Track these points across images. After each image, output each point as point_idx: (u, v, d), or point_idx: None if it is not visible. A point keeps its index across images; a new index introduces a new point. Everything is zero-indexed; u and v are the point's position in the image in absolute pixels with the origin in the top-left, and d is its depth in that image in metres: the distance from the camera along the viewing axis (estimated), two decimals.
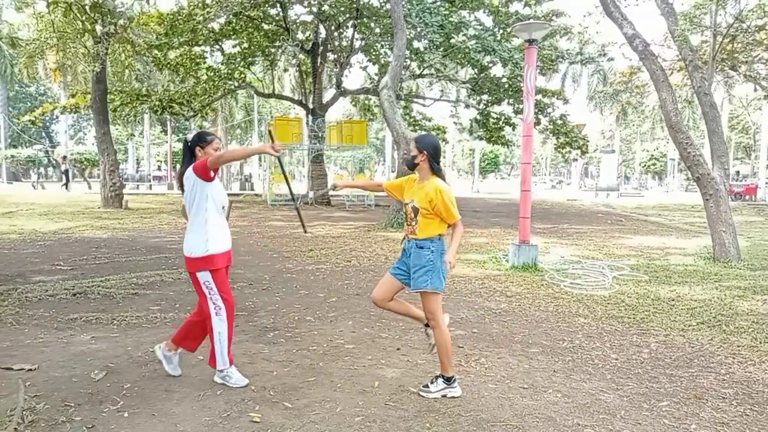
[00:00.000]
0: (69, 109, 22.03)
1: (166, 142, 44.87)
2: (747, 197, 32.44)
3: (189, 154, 3.64)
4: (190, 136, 3.71)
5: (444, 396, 3.50)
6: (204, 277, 3.54)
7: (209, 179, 3.52)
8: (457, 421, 3.18)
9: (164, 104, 19.42)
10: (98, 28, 16.82)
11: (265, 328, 5.03)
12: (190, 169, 3.53)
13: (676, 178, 51.31)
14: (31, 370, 3.81)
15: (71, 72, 28.54)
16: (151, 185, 37.72)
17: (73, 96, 22.78)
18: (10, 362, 3.94)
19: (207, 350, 4.25)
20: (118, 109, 19.68)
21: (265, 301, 6.00)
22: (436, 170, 3.51)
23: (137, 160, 51.40)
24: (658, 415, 3.31)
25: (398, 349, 4.48)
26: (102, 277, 6.88)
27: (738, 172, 52.51)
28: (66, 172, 31.57)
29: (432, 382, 3.58)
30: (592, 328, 5.16)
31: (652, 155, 59.06)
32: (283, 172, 5.36)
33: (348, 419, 3.17)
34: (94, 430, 2.98)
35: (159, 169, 51.63)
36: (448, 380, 3.53)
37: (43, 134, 58.49)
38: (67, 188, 29.74)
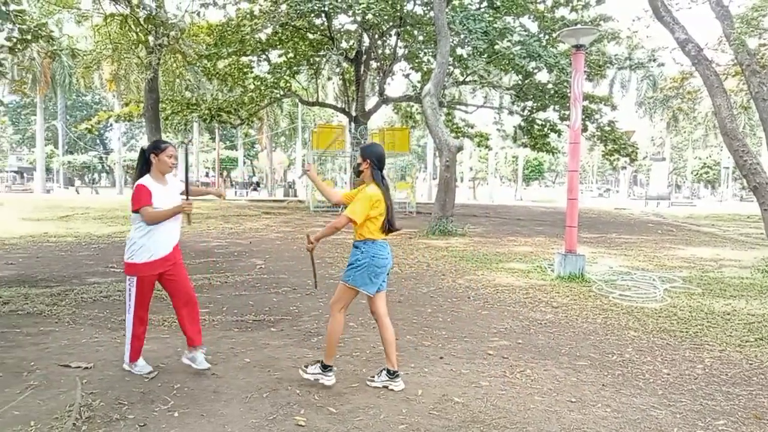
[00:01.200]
0: (123, 118, 22.98)
1: (214, 149, 46.11)
2: None
3: (144, 162, 3.84)
4: (146, 145, 3.94)
5: (316, 380, 3.71)
6: (129, 281, 3.79)
7: (132, 210, 3.75)
8: None
9: (213, 113, 20.01)
10: (151, 39, 17.51)
11: (309, 332, 5.08)
12: (137, 184, 3.74)
13: (731, 187, 49.25)
14: (87, 368, 3.97)
15: (125, 82, 29.76)
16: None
17: (126, 105, 23.77)
18: (68, 360, 4.11)
19: (254, 353, 4.34)
20: (170, 118, 20.38)
21: (308, 306, 6.07)
22: (376, 177, 3.70)
23: (186, 167, 52.99)
24: None
25: (441, 357, 4.45)
26: None
27: None
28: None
29: (311, 365, 3.81)
30: (642, 342, 5.00)
31: (705, 163, 56.90)
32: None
33: (391, 427, 3.17)
34: (146, 429, 3.08)
35: (207, 175, 53.09)
36: (325, 368, 3.73)
37: (98, 141, 61.06)
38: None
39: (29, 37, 10.01)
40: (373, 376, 3.84)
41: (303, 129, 39.85)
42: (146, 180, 3.77)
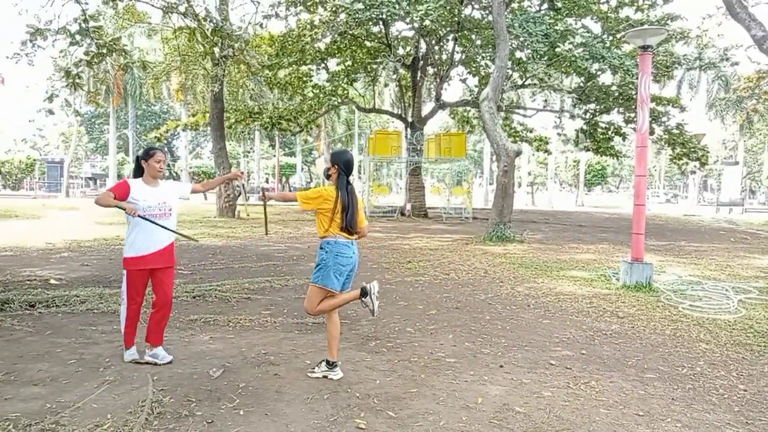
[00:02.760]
0: (190, 127, 23.96)
1: (274, 156, 47.34)
2: None
3: (137, 167, 4.26)
4: (141, 152, 4.30)
5: (325, 377, 3.92)
6: (124, 274, 4.16)
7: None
8: None
9: (274, 121, 20.57)
10: (217, 51, 18.19)
11: (367, 337, 5.12)
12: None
13: None
14: (157, 364, 4.16)
15: (191, 92, 31.09)
16: (260, 197, 39.92)
17: (193, 115, 24.79)
18: (139, 357, 4.31)
19: (314, 355, 4.42)
20: (233, 126, 21.10)
21: (366, 311, 6.11)
22: (341, 181, 3.92)
23: (248, 173, 54.61)
24: None
25: (501, 366, 4.38)
26: (218, 282, 7.37)
27: None
28: (243, 186, 35.75)
29: (318, 365, 4.03)
30: (715, 355, 4.74)
31: None
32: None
33: None
34: (213, 426, 3.19)
35: (266, 181, 54.54)
36: (330, 365, 3.96)
37: (166, 149, 63.88)
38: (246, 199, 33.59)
39: (105, 51, 10.63)
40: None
41: (360, 135, 40.29)
42: (134, 180, 4.23)
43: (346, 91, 22.14)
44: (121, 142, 55.03)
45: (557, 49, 16.18)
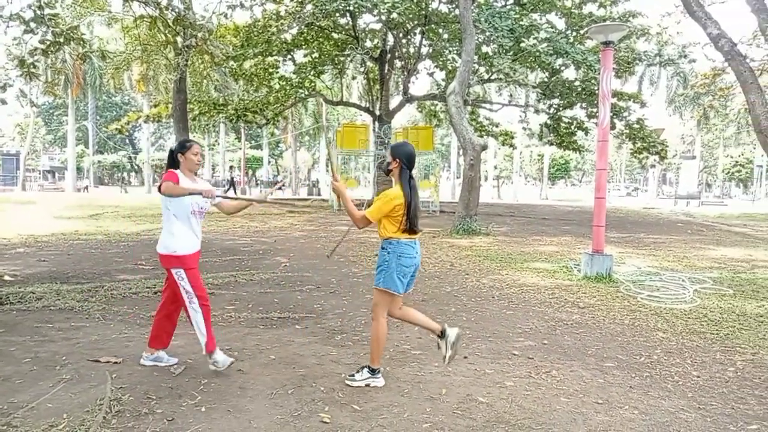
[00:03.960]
0: (152, 118, 23.40)
1: (240, 149, 46.67)
2: None
3: (172, 161, 3.95)
4: (175, 146, 4.03)
5: (367, 385, 3.68)
6: (176, 272, 3.85)
7: (160, 192, 3.81)
8: None
9: (239, 113, 20.24)
10: (179, 40, 17.80)
11: (333, 330, 5.11)
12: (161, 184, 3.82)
13: (764, 186, 47.90)
14: (116, 362, 4.06)
15: (153, 82, 30.34)
16: (225, 190, 39.32)
17: (155, 106, 24.21)
18: (98, 355, 4.20)
19: (279, 350, 4.39)
20: (197, 118, 20.69)
21: (332, 305, 6.10)
22: (404, 177, 3.69)
23: (212, 166, 53.72)
24: None
25: (465, 357, 4.43)
26: None
27: None
28: (232, 180, 35.52)
29: (358, 372, 3.77)
30: (671, 344, 4.90)
31: (737, 162, 55.36)
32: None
33: (415, 425, 3.17)
34: (174, 423, 3.13)
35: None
36: (373, 371, 3.73)
37: (127, 141, 62.32)
38: (234, 192, 33.71)
39: (62, 39, 10.26)
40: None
41: (327, 128, 40.06)
42: (178, 171, 3.90)
43: (313, 84, 21.95)
44: (81, 134, 53.35)
45: (522, 44, 16.37)
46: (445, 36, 20.34)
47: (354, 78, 31.16)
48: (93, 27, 31.08)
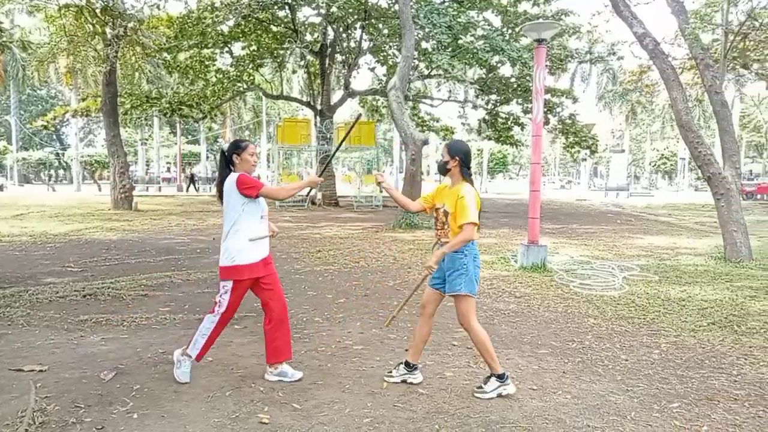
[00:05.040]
0: (80, 113, 22.25)
1: (176, 144, 45.12)
2: (759, 196, 32.12)
3: (226, 162, 3.71)
4: (226, 146, 3.78)
5: (499, 395, 3.51)
6: (224, 282, 3.63)
7: (251, 197, 3.56)
8: (466, 423, 3.16)
9: (174, 107, 19.56)
10: (108, 31, 16.97)
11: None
12: (233, 179, 3.57)
13: (687, 177, 50.89)
14: (41, 371, 3.84)
15: (81, 75, 28.82)
16: (160, 187, 37.98)
17: (83, 99, 23.05)
18: (21, 363, 3.96)
19: (217, 351, 4.27)
20: (129, 112, 19.83)
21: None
22: (465, 175, 3.57)
23: (147, 162, 51.71)
24: (669, 417, 3.28)
25: (407, 350, 4.45)
26: (112, 279, 6.93)
27: (751, 171, 52.01)
28: (192, 177, 34.12)
29: (485, 383, 3.58)
30: (601, 329, 5.13)
31: (662, 154, 58.62)
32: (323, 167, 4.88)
33: (356, 421, 3.17)
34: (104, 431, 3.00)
35: (168, 170, 51.95)
36: (501, 377, 3.54)
37: (54, 137, 59.04)
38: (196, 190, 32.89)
39: None
40: (391, 371, 3.79)
41: (268, 123, 39.37)
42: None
43: (252, 77, 21.50)
44: (3, 130, 50.09)
45: (460, 41, 16.64)
46: (385, 31, 20.40)
47: (294, 72, 30.72)
48: (13, 15, 29.20)
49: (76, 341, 4.56)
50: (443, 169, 3.62)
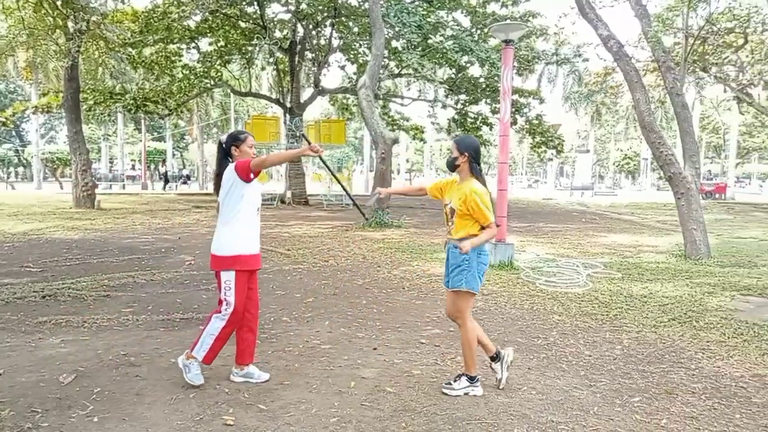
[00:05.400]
0: (41, 109, 21.56)
1: (140, 141, 44.14)
2: (717, 195, 33.21)
3: (224, 155, 3.65)
4: (224, 138, 3.71)
5: (466, 394, 3.53)
6: (226, 276, 3.53)
7: (248, 180, 3.51)
8: (432, 420, 3.18)
9: (138, 103, 19.12)
10: (70, 24, 16.47)
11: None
12: (231, 168, 3.52)
13: (649, 177, 52.27)
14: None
15: (42, 70, 27.92)
16: (124, 185, 37.12)
17: (44, 95, 22.30)
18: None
19: (181, 353, 4.18)
20: (93, 108, 19.29)
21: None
22: (475, 172, 3.56)
23: (110, 159, 50.46)
24: (630, 411, 3.36)
25: (375, 348, 4.47)
26: (72, 279, 6.74)
27: (709, 171, 53.77)
28: (165, 174, 33.31)
29: (455, 380, 3.60)
30: (566, 326, 5.22)
31: (626, 155, 60.13)
32: (331, 172, 4.99)
33: (323, 420, 3.15)
34: None
35: (133, 168, 50.79)
36: (471, 379, 3.58)
37: (13, 133, 57.05)
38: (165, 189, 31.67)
39: None
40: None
41: (236, 120, 38.87)
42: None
43: (219, 73, 21.17)
44: None
45: (430, 41, 16.71)
46: (356, 29, 20.35)
47: (263, 69, 30.37)
48: None
49: (34, 344, 4.41)
50: (452, 166, 3.61)
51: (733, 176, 39.13)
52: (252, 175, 3.50)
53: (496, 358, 3.69)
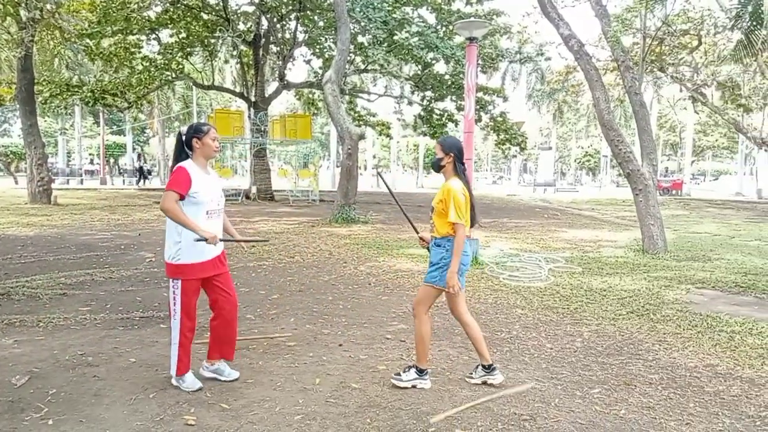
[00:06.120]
0: None
1: (99, 134, 42.84)
2: (674, 192, 34.32)
3: (182, 147, 3.49)
4: (184, 129, 3.55)
5: (414, 387, 3.56)
6: (173, 284, 3.44)
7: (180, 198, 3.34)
8: (397, 415, 3.19)
9: (97, 95, 18.53)
10: (22, 12, 15.83)
11: (204, 327, 4.85)
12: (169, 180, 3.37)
13: (609, 173, 53.61)
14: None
15: None
16: (82, 180, 35.98)
17: None
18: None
19: (141, 352, 4.09)
20: (48, 101, 18.59)
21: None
22: (459, 171, 3.57)
23: (68, 153, 48.80)
24: (590, 402, 3.44)
25: (340, 345, 4.46)
26: (27, 277, 6.50)
27: (666, 169, 55.50)
28: (141, 168, 32.25)
29: (405, 371, 3.63)
30: (528, 319, 5.31)
31: (587, 152, 61.52)
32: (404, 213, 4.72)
33: (287, 418, 3.13)
34: None
35: (91, 162, 49.27)
36: (420, 372, 3.60)
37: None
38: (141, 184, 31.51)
39: None
40: (471, 374, 3.73)
41: (199, 114, 38.08)
42: (188, 164, 3.41)
43: (181, 66, 20.68)
44: None
45: (395, 37, 16.71)
46: (321, 23, 20.18)
47: (227, 62, 29.80)
48: None
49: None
50: (438, 167, 3.62)
51: (689, 173, 40.51)
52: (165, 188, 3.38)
53: (489, 368, 3.68)
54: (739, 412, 3.34)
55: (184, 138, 3.50)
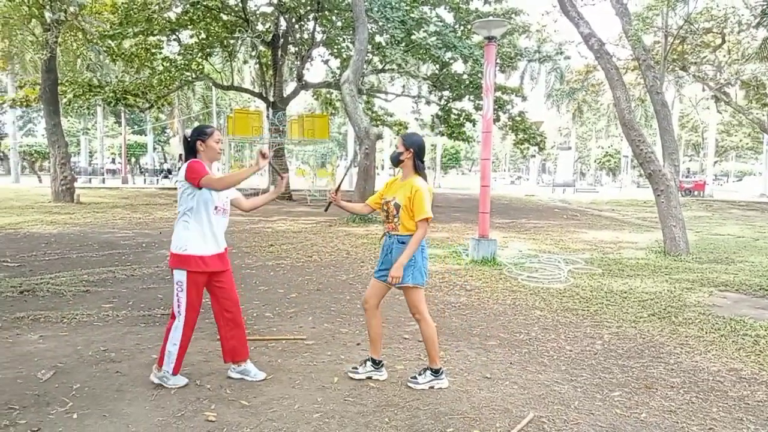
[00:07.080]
0: (19, 103, 21.12)
1: (120, 134, 43.49)
2: (696, 193, 33.78)
3: (189, 149, 3.52)
4: (188, 132, 3.59)
5: (431, 387, 3.57)
6: (179, 276, 3.43)
7: (198, 187, 3.38)
8: (415, 415, 3.19)
9: (118, 96, 18.80)
10: (47, 14, 16.14)
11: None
12: (184, 168, 3.41)
13: (629, 174, 52.94)
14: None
15: (19, 61, 27.30)
16: (104, 179, 36.56)
17: (21, 87, 21.83)
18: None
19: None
20: (72, 102, 18.91)
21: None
22: (419, 168, 3.58)
23: (90, 152, 49.62)
24: (611, 405, 3.41)
25: (358, 344, 4.47)
26: (51, 274, 6.63)
27: (688, 169, 54.64)
28: (169, 171, 33.21)
29: (420, 374, 3.64)
30: (547, 321, 5.27)
31: (607, 152, 60.77)
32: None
33: (306, 416, 3.15)
34: None
35: (113, 162, 50.02)
36: (436, 372, 3.61)
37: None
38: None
39: None
40: (356, 368, 3.77)
41: (218, 114, 38.48)
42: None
43: (200, 66, 20.91)
44: None
45: (413, 36, 16.68)
46: (339, 24, 20.24)
47: (246, 62, 30.06)
48: None
49: (12, 339, 4.33)
50: (396, 160, 3.62)
51: (712, 174, 39.82)
52: (197, 185, 3.36)
53: (377, 363, 3.71)
54: (764, 418, 3.28)
55: (189, 141, 3.54)
